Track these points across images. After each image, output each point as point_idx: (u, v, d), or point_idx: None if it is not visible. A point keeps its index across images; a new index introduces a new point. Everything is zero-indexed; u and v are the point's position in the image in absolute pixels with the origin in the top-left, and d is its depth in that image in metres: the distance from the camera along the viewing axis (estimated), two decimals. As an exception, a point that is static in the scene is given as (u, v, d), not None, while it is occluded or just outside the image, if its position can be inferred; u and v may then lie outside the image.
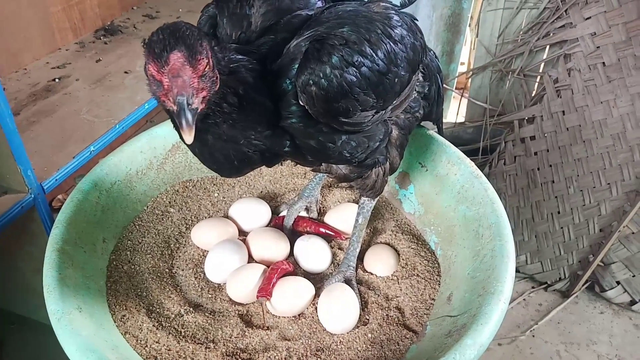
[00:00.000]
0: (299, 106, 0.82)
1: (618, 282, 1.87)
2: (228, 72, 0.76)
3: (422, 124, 1.11)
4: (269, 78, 0.82)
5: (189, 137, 0.69)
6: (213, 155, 0.82)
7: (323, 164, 0.97)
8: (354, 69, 0.80)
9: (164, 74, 0.67)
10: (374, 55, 0.82)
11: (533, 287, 2.00)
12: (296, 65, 0.81)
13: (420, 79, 1.00)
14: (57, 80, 1.55)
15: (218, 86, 0.73)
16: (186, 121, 0.68)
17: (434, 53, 1.08)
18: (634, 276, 1.85)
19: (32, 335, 1.47)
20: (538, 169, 1.95)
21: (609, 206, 1.84)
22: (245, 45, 0.87)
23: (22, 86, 1.52)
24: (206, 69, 0.70)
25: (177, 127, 0.83)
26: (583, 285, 1.93)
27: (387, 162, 0.99)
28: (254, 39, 0.87)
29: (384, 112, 0.89)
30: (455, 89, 2.43)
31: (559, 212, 1.92)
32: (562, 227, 1.92)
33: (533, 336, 1.83)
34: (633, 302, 1.87)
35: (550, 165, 1.93)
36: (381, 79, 0.84)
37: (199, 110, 0.70)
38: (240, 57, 0.79)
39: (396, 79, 0.87)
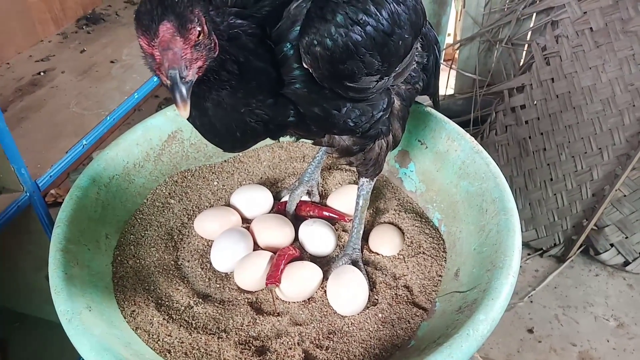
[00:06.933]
0: (303, 69, 0.80)
1: (612, 245, 1.91)
2: (227, 38, 0.73)
3: (418, 99, 1.10)
4: (269, 43, 0.79)
5: (184, 112, 0.66)
6: (214, 126, 0.80)
7: (326, 135, 0.96)
8: (359, 27, 0.78)
9: (154, 47, 0.65)
10: (378, 14, 0.80)
11: (529, 254, 2.04)
12: (297, 28, 0.78)
13: (419, 48, 0.99)
14: (42, 73, 1.52)
15: (217, 53, 0.70)
16: (180, 96, 0.65)
17: (430, 24, 1.07)
18: (626, 237, 1.89)
19: (35, 333, 1.47)
20: (529, 137, 1.97)
21: (600, 171, 1.86)
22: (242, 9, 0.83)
23: (7, 82, 1.48)
24: (200, 38, 0.66)
25: None
26: (578, 250, 1.97)
27: (390, 134, 0.99)
28: (252, 4, 0.84)
29: (387, 78, 0.88)
30: (443, 60, 2.42)
31: (551, 179, 1.94)
32: (555, 194, 1.94)
33: (531, 302, 1.87)
34: (627, 263, 1.92)
35: (542, 133, 1.94)
36: (386, 39, 0.82)
37: (195, 80, 0.68)
38: (240, 21, 0.77)
39: (400, 42, 0.86)
